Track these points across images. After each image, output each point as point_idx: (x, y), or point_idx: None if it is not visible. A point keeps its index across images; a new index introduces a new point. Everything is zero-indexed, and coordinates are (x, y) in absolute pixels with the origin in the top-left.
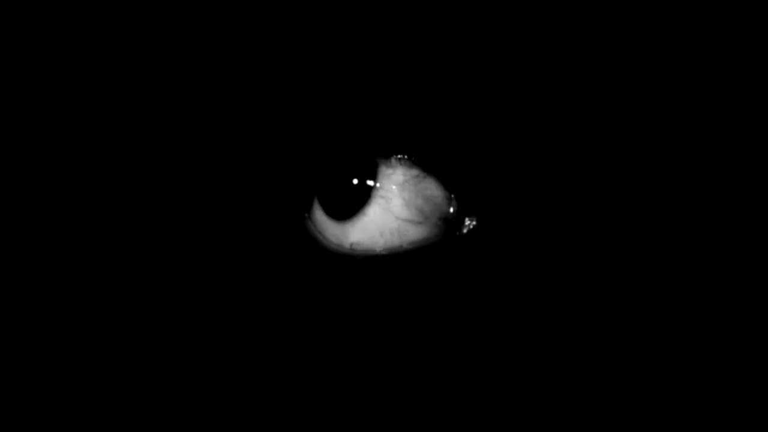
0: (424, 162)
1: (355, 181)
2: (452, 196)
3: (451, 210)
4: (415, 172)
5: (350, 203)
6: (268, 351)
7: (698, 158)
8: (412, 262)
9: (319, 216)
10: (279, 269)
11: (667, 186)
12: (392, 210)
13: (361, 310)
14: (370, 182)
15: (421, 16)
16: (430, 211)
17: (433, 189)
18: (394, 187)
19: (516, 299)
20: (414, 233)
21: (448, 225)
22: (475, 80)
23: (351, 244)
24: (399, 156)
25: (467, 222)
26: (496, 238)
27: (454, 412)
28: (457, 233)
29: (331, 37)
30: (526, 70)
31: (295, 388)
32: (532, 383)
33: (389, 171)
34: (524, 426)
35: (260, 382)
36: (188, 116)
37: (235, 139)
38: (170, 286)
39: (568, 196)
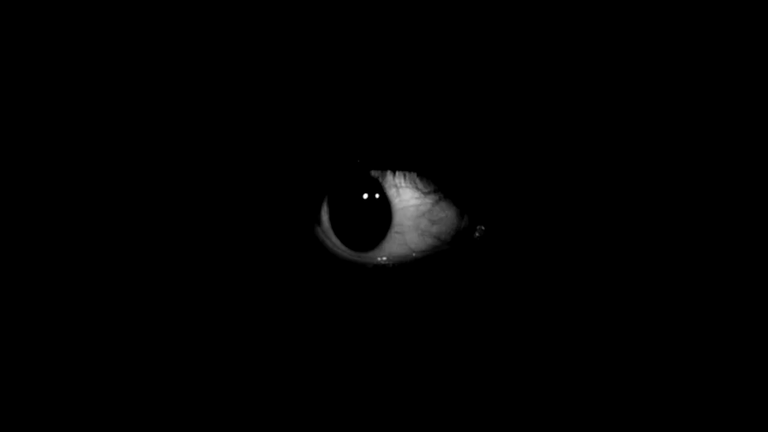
0: (436, 180)
1: (369, 215)
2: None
3: (464, 224)
4: (428, 201)
5: (366, 238)
6: (271, 357)
7: (701, 159)
8: (421, 270)
9: (333, 238)
10: (286, 275)
11: (676, 191)
12: (408, 244)
13: (370, 318)
14: (384, 217)
15: (423, 20)
16: (446, 233)
17: (446, 210)
18: (409, 222)
19: (526, 306)
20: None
21: (461, 237)
22: (476, 86)
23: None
24: (410, 185)
25: (477, 228)
26: (505, 244)
27: (462, 418)
28: (467, 241)
29: (349, 52)
30: (529, 75)
31: (297, 396)
32: (540, 389)
33: (401, 204)
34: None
35: (262, 390)
36: (194, 118)
37: (241, 144)
38: (173, 293)
39: (578, 200)
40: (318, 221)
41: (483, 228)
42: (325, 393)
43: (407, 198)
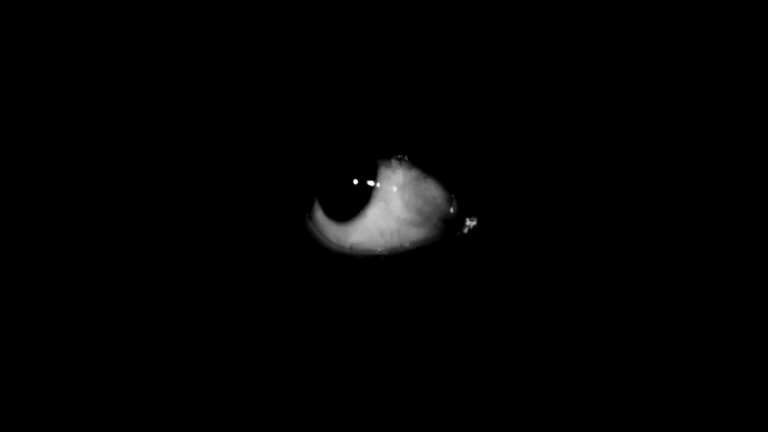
0: (424, 162)
1: (355, 182)
2: (452, 196)
3: (452, 210)
4: (415, 173)
5: (350, 204)
6: (266, 351)
7: (700, 159)
8: (412, 263)
9: (320, 216)
10: (279, 269)
11: (670, 187)
12: (392, 211)
13: (361, 310)
14: (370, 183)
15: (420, 15)
16: (430, 212)
17: (432, 190)
18: (394, 188)
19: (517, 299)
20: (414, 234)
21: (449, 225)
22: (474, 79)
23: (351, 245)
24: (399, 156)
25: (468, 222)
26: (497, 238)
27: (454, 413)
28: (458, 233)
29: (331, 35)
30: (526, 69)
31: (294, 389)
32: (532, 384)
33: (389, 172)
34: (524, 426)
35: (259, 384)
36: (186, 114)
37: (233, 138)
38: (166, 285)
39: (569, 195)
40: (311, 216)
41: (474, 221)
42: (317, 385)
43: (394, 166)
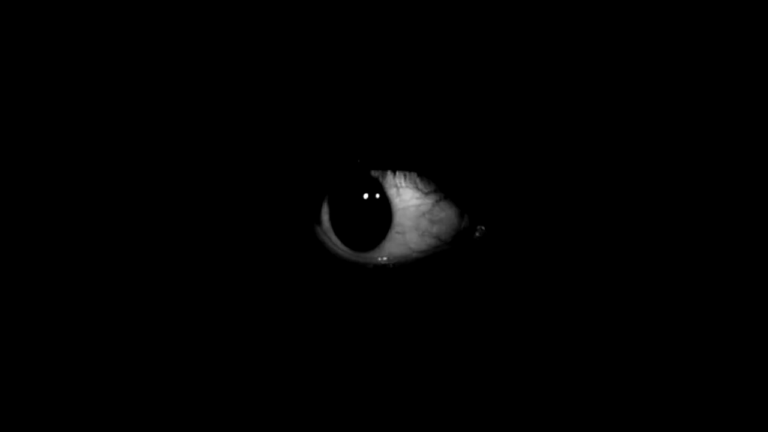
0: (435, 178)
1: (369, 217)
2: (463, 212)
3: (463, 225)
4: (429, 201)
5: (366, 239)
6: (272, 358)
7: (699, 160)
8: (421, 270)
9: (334, 238)
10: (287, 275)
11: (677, 192)
12: (408, 244)
13: (370, 318)
14: (384, 217)
15: (425, 22)
16: (446, 233)
17: (446, 209)
18: (409, 223)
19: (524, 306)
20: (425, 245)
21: (461, 237)
22: (477, 87)
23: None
24: (406, 174)
25: (477, 228)
26: (506, 245)
27: (461, 419)
28: (468, 241)
29: (348, 52)
30: (528, 76)
31: (299, 397)
32: (539, 389)
33: (401, 204)
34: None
35: (263, 391)
36: (196, 121)
37: (241, 145)
38: (173, 293)
39: (573, 200)
40: (318, 221)
41: (483, 228)
42: (325, 393)
43: (407, 198)
